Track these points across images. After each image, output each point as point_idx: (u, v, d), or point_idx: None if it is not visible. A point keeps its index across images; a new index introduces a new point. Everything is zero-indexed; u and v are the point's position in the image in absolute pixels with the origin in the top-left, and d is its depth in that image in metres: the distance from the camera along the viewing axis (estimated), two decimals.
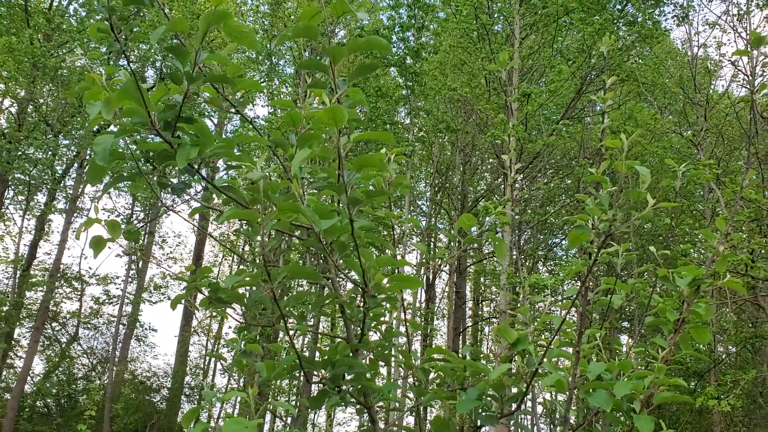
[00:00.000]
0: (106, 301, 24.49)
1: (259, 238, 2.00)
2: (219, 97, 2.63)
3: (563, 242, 20.10)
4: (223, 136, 21.08)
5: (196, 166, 2.33)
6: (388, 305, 3.04)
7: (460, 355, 2.93)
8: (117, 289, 24.44)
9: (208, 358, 25.93)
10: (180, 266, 26.82)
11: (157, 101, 2.38)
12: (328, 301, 2.63)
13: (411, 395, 3.15)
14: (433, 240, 27.59)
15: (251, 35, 2.16)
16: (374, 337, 3.02)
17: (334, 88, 2.04)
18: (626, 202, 2.00)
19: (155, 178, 2.57)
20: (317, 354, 3.04)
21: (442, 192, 23.45)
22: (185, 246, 28.31)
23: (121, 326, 23.91)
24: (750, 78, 11.66)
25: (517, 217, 15.05)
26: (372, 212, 2.86)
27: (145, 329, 25.71)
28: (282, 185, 2.26)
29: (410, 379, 2.91)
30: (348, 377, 2.47)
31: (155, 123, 2.27)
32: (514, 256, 15.93)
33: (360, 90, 2.56)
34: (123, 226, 2.77)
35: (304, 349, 17.80)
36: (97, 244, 2.77)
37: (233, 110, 2.58)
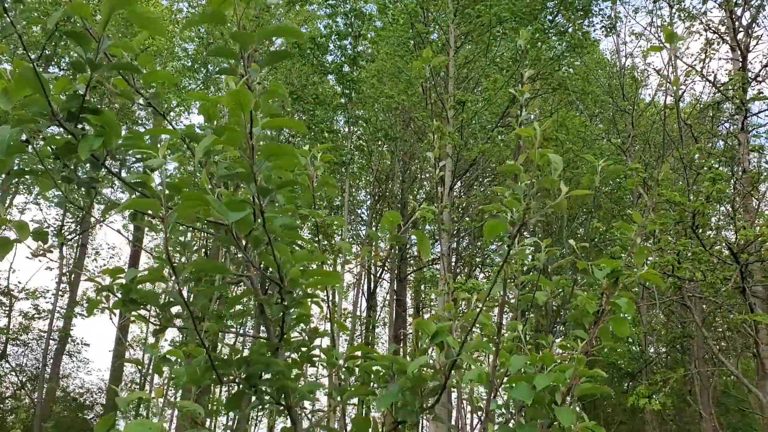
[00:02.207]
0: (36, 315, 23.58)
1: (163, 232, 1.91)
2: (130, 89, 2.52)
3: (500, 249, 20.38)
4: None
5: (101, 160, 2.23)
6: (312, 305, 2.97)
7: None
8: (47, 303, 23.56)
9: (144, 372, 25.17)
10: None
11: (61, 91, 2.27)
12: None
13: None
14: (374, 249, 27.51)
15: (157, 22, 2.07)
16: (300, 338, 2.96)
17: (244, 73, 1.98)
18: (540, 191, 2.01)
19: (65, 175, 2.46)
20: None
21: (381, 201, 23.49)
22: (120, 258, 27.51)
23: (51, 342, 23.04)
24: (674, 86, 12.10)
25: (454, 223, 15.19)
26: (295, 210, 2.80)
27: (78, 344, 24.84)
28: (200, 182, 2.18)
29: (334, 379, 2.85)
30: (266, 377, 2.40)
31: (57, 113, 2.16)
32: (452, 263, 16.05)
33: (280, 84, 2.50)
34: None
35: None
36: (2, 247, 2.63)
37: (144, 103, 2.48)
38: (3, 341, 23.36)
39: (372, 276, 27.05)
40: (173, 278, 1.94)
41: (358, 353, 2.72)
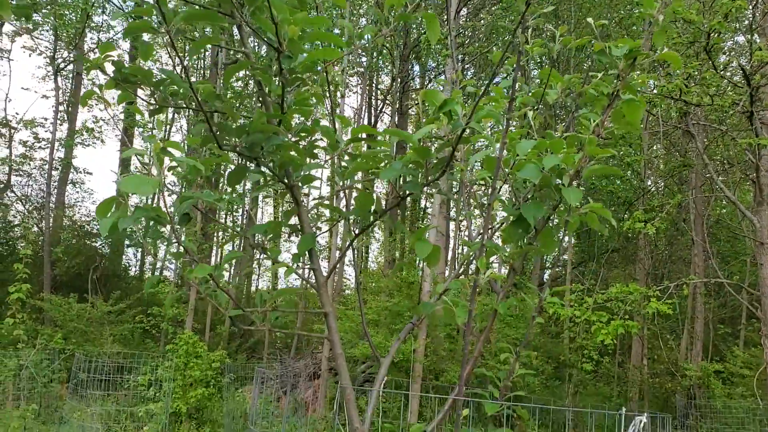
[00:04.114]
0: (36, 145, 23.61)
1: None
2: None
3: (505, 79, 19.89)
4: None
5: None
6: (313, 97, 2.85)
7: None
8: (46, 132, 23.50)
9: (150, 200, 25.57)
10: (113, 110, 25.67)
11: None
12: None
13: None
14: (375, 82, 27.10)
15: None
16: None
17: None
18: None
19: None
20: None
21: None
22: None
23: (54, 172, 23.24)
24: None
25: (459, 48, 14.70)
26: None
27: (81, 173, 25.13)
28: None
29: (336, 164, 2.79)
30: (267, 151, 2.32)
31: None
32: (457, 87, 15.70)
33: None
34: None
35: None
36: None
37: None
38: (6, 171, 23.57)
39: (373, 110, 26.76)
40: (163, 27, 1.79)
41: (362, 135, 2.64)
